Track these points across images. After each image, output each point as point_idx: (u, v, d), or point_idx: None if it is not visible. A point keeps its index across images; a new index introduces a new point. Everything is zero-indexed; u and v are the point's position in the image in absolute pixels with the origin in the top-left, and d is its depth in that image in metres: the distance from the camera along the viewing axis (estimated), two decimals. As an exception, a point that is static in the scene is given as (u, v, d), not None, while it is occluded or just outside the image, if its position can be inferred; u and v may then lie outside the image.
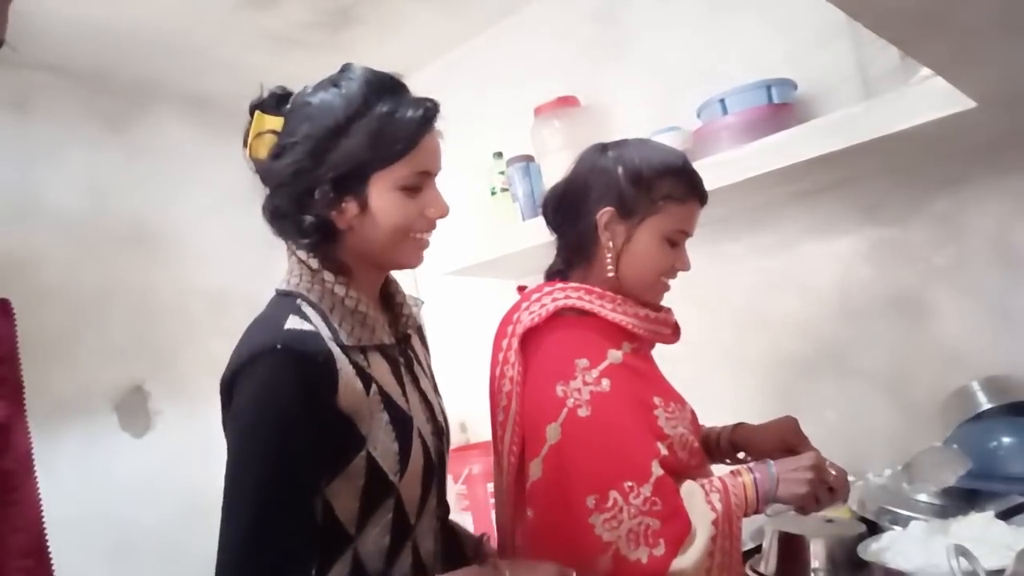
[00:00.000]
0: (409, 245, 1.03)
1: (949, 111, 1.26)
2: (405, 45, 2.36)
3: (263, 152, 1.00)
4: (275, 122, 0.99)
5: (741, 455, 1.30)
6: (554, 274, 1.27)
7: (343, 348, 0.96)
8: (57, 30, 1.90)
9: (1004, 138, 1.46)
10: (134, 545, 1.98)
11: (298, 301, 0.99)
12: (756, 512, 1.06)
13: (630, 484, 1.01)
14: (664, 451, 1.06)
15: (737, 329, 1.88)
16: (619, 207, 1.17)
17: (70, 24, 1.90)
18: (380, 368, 1.01)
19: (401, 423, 1.00)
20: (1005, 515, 1.21)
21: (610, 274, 1.18)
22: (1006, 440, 1.34)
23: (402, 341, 1.11)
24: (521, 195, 2.00)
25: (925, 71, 1.27)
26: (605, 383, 1.08)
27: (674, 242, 1.19)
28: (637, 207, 1.17)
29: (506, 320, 1.20)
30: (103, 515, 1.94)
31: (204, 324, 2.27)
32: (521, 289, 1.26)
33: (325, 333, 0.95)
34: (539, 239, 1.64)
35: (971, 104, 1.22)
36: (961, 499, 1.31)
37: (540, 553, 1.07)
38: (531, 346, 1.15)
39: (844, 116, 1.41)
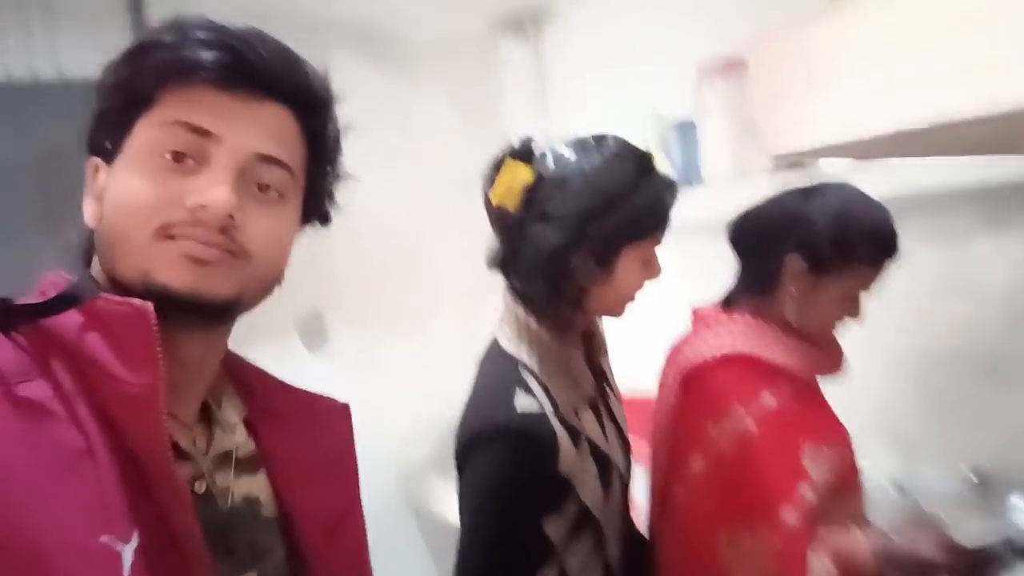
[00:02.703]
0: None
1: None
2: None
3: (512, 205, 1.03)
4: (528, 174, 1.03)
5: None
6: (729, 301, 1.29)
7: (561, 420, 1.01)
8: None
9: None
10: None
11: (520, 369, 1.02)
12: None
13: (759, 527, 1.06)
14: (811, 495, 1.09)
15: (896, 329, 1.74)
16: (811, 262, 1.16)
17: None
18: (589, 421, 1.08)
19: (604, 468, 1.08)
20: None
21: (789, 319, 1.19)
22: None
23: (597, 376, 1.15)
24: (680, 161, 1.96)
25: None
26: (753, 426, 1.11)
27: (855, 297, 1.19)
28: (830, 266, 1.16)
29: (676, 350, 1.26)
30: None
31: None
32: (696, 313, 1.29)
33: (549, 409, 0.99)
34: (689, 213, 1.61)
35: None
36: None
37: None
38: (692, 380, 1.20)
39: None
